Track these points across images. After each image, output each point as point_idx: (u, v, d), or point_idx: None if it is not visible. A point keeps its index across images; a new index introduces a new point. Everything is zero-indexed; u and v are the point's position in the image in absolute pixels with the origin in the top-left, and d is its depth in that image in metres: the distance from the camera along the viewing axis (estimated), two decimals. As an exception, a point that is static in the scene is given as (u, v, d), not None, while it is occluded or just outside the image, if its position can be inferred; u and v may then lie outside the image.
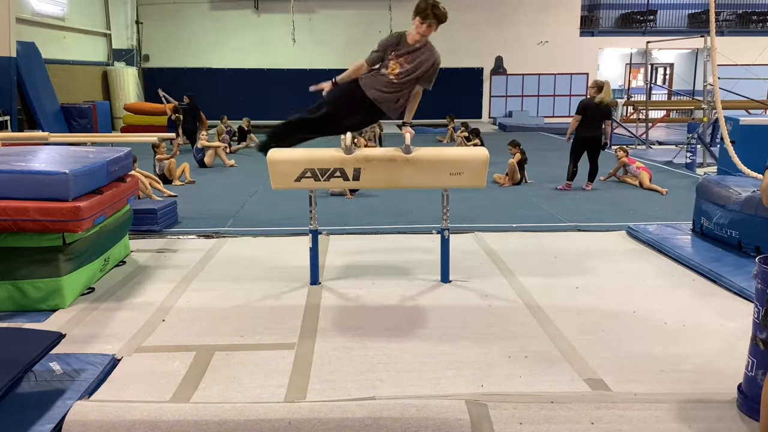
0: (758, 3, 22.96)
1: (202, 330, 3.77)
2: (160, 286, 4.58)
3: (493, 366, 3.27)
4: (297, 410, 2.71)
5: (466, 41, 20.73)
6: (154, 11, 20.52)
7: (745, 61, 17.22)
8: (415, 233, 6.16)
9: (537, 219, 6.77)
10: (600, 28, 22.40)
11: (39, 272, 4.03)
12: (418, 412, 2.68)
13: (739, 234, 5.04)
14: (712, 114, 10.73)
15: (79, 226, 3.97)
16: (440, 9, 3.88)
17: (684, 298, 4.32)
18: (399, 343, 3.56)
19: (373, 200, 7.84)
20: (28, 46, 13.28)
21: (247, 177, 9.65)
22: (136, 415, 2.66)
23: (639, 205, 7.50)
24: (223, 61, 20.74)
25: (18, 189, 3.90)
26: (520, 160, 8.98)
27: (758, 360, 2.67)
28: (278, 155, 4.32)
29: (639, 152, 12.86)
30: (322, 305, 4.19)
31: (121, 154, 4.82)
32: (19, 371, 2.67)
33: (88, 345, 3.52)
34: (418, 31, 3.92)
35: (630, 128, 15.17)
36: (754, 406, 2.66)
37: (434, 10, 3.86)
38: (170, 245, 5.71)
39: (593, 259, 5.23)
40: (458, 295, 4.39)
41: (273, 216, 6.95)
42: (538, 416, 2.74)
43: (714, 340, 3.60)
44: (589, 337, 3.64)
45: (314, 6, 20.63)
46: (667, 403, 2.85)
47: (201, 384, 3.09)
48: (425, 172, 4.29)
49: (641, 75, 23.59)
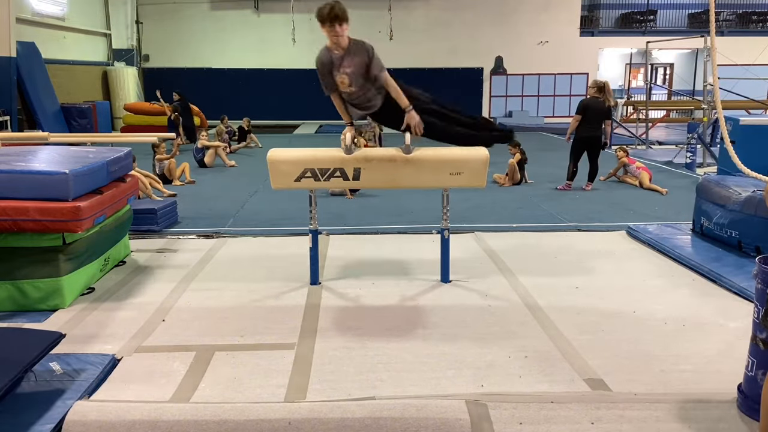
0: (758, 3, 22.95)
1: (202, 330, 3.77)
2: (160, 286, 4.58)
3: (493, 366, 3.27)
4: (297, 410, 2.72)
5: (466, 41, 20.73)
6: (154, 11, 20.51)
7: (745, 61, 17.22)
8: (415, 233, 6.16)
9: (537, 219, 6.77)
10: (600, 28, 22.39)
11: (39, 272, 4.03)
12: (418, 412, 2.68)
13: (739, 234, 5.04)
14: (712, 114, 10.73)
15: (79, 226, 3.97)
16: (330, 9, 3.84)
17: (684, 298, 4.32)
18: (399, 343, 3.56)
19: (373, 200, 7.84)
20: (28, 46, 13.28)
21: (247, 177, 9.65)
22: (136, 415, 2.66)
23: (639, 205, 7.50)
24: (223, 61, 20.73)
25: (18, 189, 3.90)
26: (520, 160, 8.98)
27: (758, 360, 2.67)
28: (278, 155, 4.32)
29: (639, 152, 12.86)
30: (322, 305, 4.19)
31: (121, 154, 4.82)
32: (19, 371, 2.67)
33: (88, 345, 3.52)
34: (329, 37, 3.94)
35: (630, 128, 15.17)
36: (754, 406, 2.66)
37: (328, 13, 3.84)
38: (170, 245, 5.71)
39: (593, 259, 5.23)
40: (458, 295, 4.39)
41: (273, 216, 6.95)
42: (538, 416, 2.74)
43: (714, 340, 3.60)
44: (589, 337, 3.64)
45: (314, 6, 20.16)
46: (667, 403, 2.85)
47: (201, 384, 3.09)
48: (425, 172, 4.29)
49: (641, 75, 23.60)
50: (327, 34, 3.92)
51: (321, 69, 4.08)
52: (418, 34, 20.51)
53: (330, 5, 3.86)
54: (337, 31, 3.87)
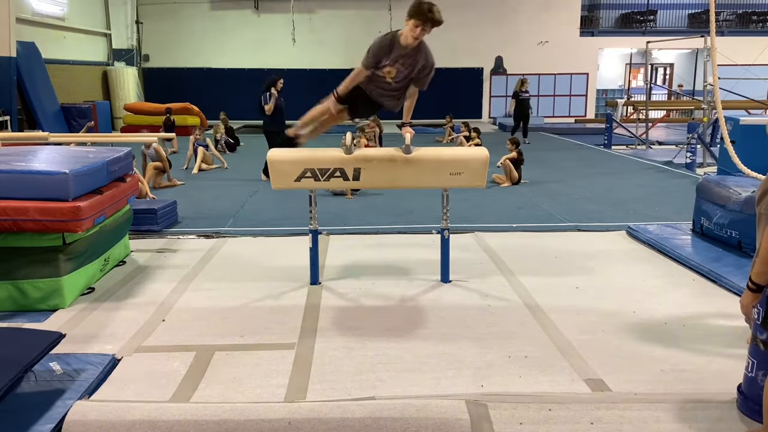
0: (758, 3, 22.96)
1: (202, 330, 3.77)
2: (160, 286, 4.58)
3: (492, 366, 3.27)
4: (297, 410, 2.71)
5: (466, 41, 20.72)
6: (154, 11, 20.51)
7: (745, 61, 17.20)
8: (415, 233, 6.16)
9: (537, 219, 6.77)
10: (600, 28, 22.39)
11: (39, 272, 4.03)
12: (418, 412, 2.68)
13: (739, 234, 5.04)
14: (712, 114, 10.73)
15: (79, 226, 3.97)
16: (436, 12, 3.75)
17: (684, 298, 4.32)
18: (399, 343, 3.56)
19: (373, 200, 7.84)
20: (28, 46, 13.29)
21: (247, 177, 9.65)
22: (136, 415, 2.66)
23: (639, 205, 7.50)
24: (223, 61, 20.73)
25: (18, 189, 3.90)
26: (517, 159, 8.94)
27: (758, 361, 2.67)
28: (278, 155, 4.32)
29: (639, 152, 12.88)
30: (322, 305, 4.19)
31: (121, 154, 4.82)
32: (19, 371, 2.67)
33: (88, 345, 3.52)
34: (412, 34, 3.79)
35: (630, 128, 15.17)
36: (754, 407, 2.66)
37: (430, 14, 3.73)
38: (170, 245, 5.71)
39: (593, 259, 5.23)
40: (458, 295, 4.39)
41: (273, 216, 6.95)
42: (538, 416, 2.74)
43: (714, 340, 3.60)
44: (589, 337, 3.64)
45: (314, 6, 20.62)
46: (667, 403, 2.85)
47: (201, 384, 3.09)
48: (425, 172, 4.29)
49: (641, 75, 23.60)
50: (412, 28, 3.77)
51: (380, 47, 3.91)
52: (418, 34, 20.47)
53: (436, 7, 3.75)
54: (425, 32, 3.79)
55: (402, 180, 4.35)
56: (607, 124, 14.08)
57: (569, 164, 10.98)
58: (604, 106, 21.12)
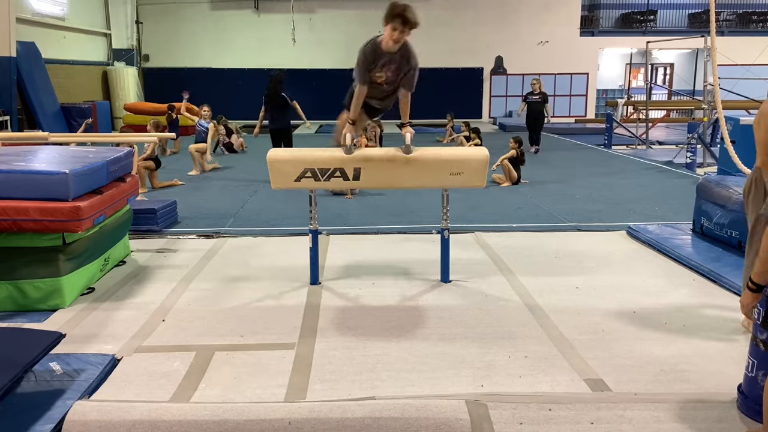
0: (758, 3, 22.97)
1: (202, 330, 3.77)
2: (160, 286, 4.58)
3: (492, 366, 3.27)
4: (297, 410, 2.71)
5: (466, 41, 20.74)
6: (154, 11, 20.53)
7: (745, 61, 17.22)
8: (415, 233, 6.16)
9: (537, 219, 6.77)
10: (600, 28, 22.40)
11: (39, 272, 4.02)
12: (418, 412, 2.68)
13: (739, 234, 5.04)
14: (713, 114, 10.73)
15: (79, 226, 3.97)
16: (409, 14, 3.77)
17: (684, 298, 4.32)
18: (399, 343, 3.56)
19: (373, 200, 7.84)
20: (28, 46, 13.29)
21: (247, 177, 9.66)
22: (136, 415, 2.66)
23: (639, 205, 7.50)
24: (223, 61, 20.75)
25: (18, 189, 3.90)
26: (516, 158, 8.93)
27: (758, 361, 2.67)
28: (278, 155, 4.32)
29: (639, 152, 12.88)
30: (322, 305, 4.19)
31: (121, 154, 4.82)
32: (19, 371, 2.67)
33: (88, 345, 3.52)
34: (390, 37, 3.83)
35: (630, 128, 15.17)
36: (755, 407, 2.67)
37: (404, 15, 3.75)
38: (170, 245, 5.71)
39: (593, 259, 5.23)
40: (458, 295, 4.39)
41: (273, 216, 6.95)
42: (538, 416, 2.74)
43: (714, 341, 3.59)
44: (589, 337, 3.64)
45: (314, 6, 20.63)
46: (667, 403, 2.85)
47: (201, 384, 3.09)
48: (425, 172, 4.29)
49: (641, 75, 23.59)
50: (390, 32, 3.80)
51: (364, 64, 3.98)
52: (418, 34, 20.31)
53: (411, 8, 3.77)
54: (403, 35, 3.82)
55: (402, 180, 4.35)
56: (607, 124, 14.08)
57: (569, 164, 10.99)
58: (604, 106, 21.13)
